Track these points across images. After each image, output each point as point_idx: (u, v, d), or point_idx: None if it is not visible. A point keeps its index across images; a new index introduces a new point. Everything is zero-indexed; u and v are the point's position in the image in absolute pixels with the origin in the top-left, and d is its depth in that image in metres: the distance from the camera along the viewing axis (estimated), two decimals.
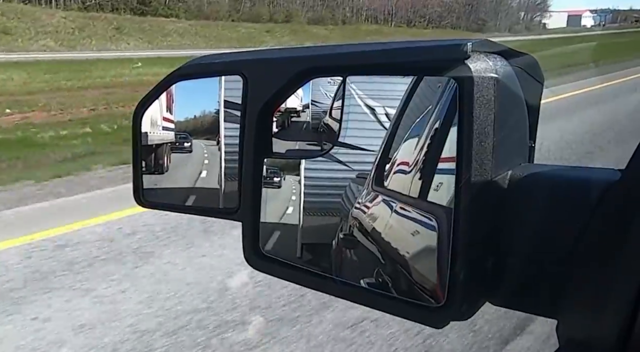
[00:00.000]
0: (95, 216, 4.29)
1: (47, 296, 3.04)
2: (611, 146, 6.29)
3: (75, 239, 3.84)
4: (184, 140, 0.64)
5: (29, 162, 6.00)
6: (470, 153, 0.42)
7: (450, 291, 0.42)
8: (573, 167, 0.44)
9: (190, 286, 3.17)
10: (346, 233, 0.52)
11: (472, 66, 0.42)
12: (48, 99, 10.17)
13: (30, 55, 20.10)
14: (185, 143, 0.64)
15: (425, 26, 56.00)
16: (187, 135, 0.63)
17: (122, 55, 21.49)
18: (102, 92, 11.50)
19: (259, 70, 0.53)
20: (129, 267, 3.42)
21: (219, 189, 0.59)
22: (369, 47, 0.50)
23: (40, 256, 3.56)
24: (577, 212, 0.40)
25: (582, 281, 0.39)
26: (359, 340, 2.66)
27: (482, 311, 0.46)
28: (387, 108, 0.50)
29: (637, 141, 0.37)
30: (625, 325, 0.32)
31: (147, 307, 2.93)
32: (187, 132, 0.64)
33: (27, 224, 4.12)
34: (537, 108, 0.50)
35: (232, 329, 2.72)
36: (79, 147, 6.75)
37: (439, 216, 0.44)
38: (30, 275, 3.29)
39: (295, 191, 0.55)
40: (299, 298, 2.93)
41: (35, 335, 2.66)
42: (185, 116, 0.65)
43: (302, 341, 2.64)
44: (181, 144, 0.64)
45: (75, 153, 6.40)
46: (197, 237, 3.82)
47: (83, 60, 18.05)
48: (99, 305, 2.96)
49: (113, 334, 2.68)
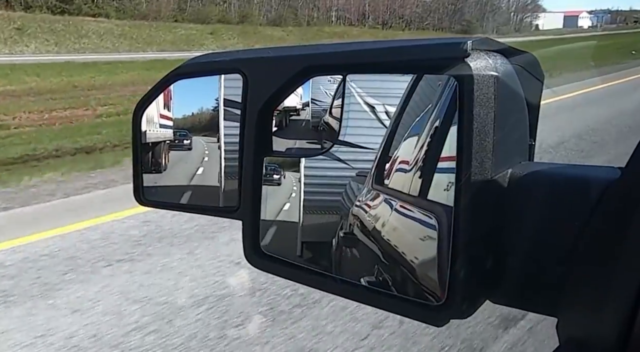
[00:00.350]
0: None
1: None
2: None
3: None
4: (184, 138, 0.63)
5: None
6: (471, 151, 0.42)
7: (451, 289, 0.42)
8: (573, 166, 0.45)
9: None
10: (346, 231, 0.52)
11: (473, 64, 0.42)
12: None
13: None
14: (184, 140, 0.63)
15: (404, 28, 53.10)
16: (186, 133, 0.63)
17: (7, 60, 17.83)
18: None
19: (259, 69, 0.53)
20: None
21: (219, 187, 0.59)
22: (370, 45, 0.50)
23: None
24: (577, 211, 0.40)
25: (582, 279, 0.39)
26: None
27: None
28: (387, 106, 0.50)
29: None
30: (625, 323, 0.32)
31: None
32: (186, 130, 0.63)
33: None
34: (537, 106, 0.50)
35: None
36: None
37: (439, 214, 0.44)
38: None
39: (295, 188, 0.55)
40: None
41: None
42: (184, 113, 0.64)
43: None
44: (180, 142, 0.63)
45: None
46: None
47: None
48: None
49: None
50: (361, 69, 0.50)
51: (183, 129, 0.63)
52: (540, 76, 0.51)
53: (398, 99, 0.50)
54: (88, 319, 2.83)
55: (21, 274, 3.34)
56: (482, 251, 0.43)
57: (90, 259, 3.57)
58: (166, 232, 3.99)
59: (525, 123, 0.48)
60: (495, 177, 0.43)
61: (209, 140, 0.61)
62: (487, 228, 0.43)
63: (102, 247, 3.77)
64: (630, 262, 0.34)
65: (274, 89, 0.52)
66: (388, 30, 49.99)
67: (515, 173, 0.44)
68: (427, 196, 0.46)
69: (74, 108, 9.84)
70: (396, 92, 0.50)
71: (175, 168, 0.65)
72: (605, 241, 0.38)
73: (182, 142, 0.63)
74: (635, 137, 0.46)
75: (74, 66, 16.32)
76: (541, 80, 0.51)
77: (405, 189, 0.49)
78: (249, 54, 0.56)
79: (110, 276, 3.33)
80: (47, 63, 17.01)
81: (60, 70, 14.71)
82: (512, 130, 0.45)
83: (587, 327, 0.38)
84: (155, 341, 2.63)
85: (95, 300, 3.03)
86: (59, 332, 2.70)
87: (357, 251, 0.52)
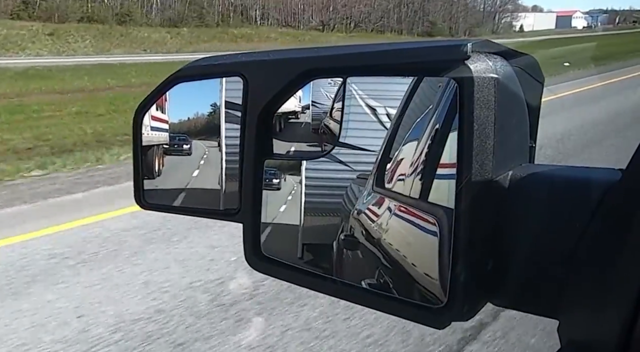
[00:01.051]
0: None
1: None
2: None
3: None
4: (183, 142, 0.62)
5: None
6: (471, 153, 0.42)
7: (452, 292, 0.42)
8: (573, 167, 0.45)
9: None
10: (347, 234, 0.52)
11: (473, 67, 0.42)
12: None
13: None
14: (184, 145, 0.62)
15: (351, 29, 45.26)
16: (186, 137, 0.62)
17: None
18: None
19: (260, 72, 0.53)
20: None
21: (220, 190, 0.59)
22: (370, 48, 0.50)
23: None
24: (577, 213, 0.40)
25: (583, 281, 0.39)
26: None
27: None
28: (388, 108, 0.50)
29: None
30: (626, 325, 0.32)
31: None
32: (185, 134, 0.62)
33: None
34: (538, 108, 0.50)
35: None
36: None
37: (440, 216, 0.44)
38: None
39: (294, 192, 0.55)
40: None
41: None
42: (180, 118, 0.63)
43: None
44: (180, 146, 0.62)
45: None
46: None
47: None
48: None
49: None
50: (362, 72, 0.50)
51: (182, 133, 0.62)
52: (541, 78, 0.51)
53: (398, 101, 0.50)
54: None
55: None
56: (483, 253, 0.43)
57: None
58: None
59: (526, 125, 0.48)
60: (496, 179, 0.43)
61: (205, 144, 0.61)
62: (488, 230, 0.43)
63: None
64: (631, 264, 0.34)
65: (274, 91, 0.52)
66: (329, 32, 41.79)
67: (516, 175, 0.44)
68: (427, 198, 0.46)
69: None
70: (397, 94, 0.50)
71: (170, 173, 0.64)
72: (605, 243, 0.38)
73: (181, 146, 0.62)
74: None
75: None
76: (541, 82, 0.51)
77: (406, 191, 0.49)
78: (249, 57, 0.56)
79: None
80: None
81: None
82: (513, 133, 0.45)
83: (588, 329, 0.38)
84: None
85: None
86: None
87: (358, 253, 0.52)
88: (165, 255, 3.72)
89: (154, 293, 3.18)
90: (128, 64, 20.70)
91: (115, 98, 11.60)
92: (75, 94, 12.45)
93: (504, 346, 2.65)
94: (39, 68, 18.37)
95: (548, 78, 3.21)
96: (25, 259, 3.65)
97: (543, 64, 0.53)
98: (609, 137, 7.65)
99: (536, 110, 0.50)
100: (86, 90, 13.43)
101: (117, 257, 3.69)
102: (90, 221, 4.40)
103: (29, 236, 4.05)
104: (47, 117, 9.57)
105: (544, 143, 5.95)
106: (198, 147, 0.62)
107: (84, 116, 9.71)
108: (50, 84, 14.07)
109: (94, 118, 9.51)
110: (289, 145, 0.56)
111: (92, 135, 8.01)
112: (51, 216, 4.51)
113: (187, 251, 3.78)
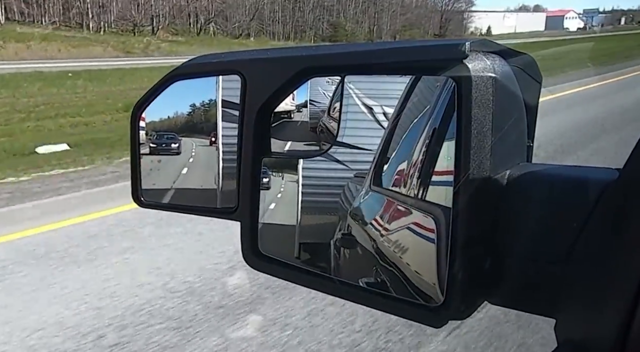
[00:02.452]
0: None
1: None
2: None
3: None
4: (172, 141, 0.61)
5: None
6: (469, 152, 0.42)
7: (449, 290, 0.42)
8: (571, 167, 0.45)
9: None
10: (344, 233, 0.52)
11: (471, 66, 0.42)
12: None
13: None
14: (172, 144, 0.60)
15: (213, 34, 34.47)
16: (174, 135, 0.60)
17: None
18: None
19: (257, 70, 0.53)
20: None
21: (217, 189, 0.59)
22: (367, 46, 0.50)
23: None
24: (575, 212, 0.40)
25: (580, 280, 0.39)
26: None
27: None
28: (386, 107, 0.50)
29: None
30: (623, 324, 0.32)
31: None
32: (174, 132, 0.61)
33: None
34: (536, 107, 0.50)
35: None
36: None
37: (438, 215, 0.44)
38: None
39: (283, 190, 0.55)
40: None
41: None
42: (160, 116, 0.61)
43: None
44: (168, 146, 0.61)
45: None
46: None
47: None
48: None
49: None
50: (359, 70, 0.50)
51: (170, 131, 0.61)
52: (538, 77, 0.51)
53: (396, 100, 0.50)
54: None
55: None
56: (480, 252, 0.43)
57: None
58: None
59: (524, 124, 0.48)
60: (494, 178, 0.43)
61: (202, 142, 0.60)
62: (486, 229, 0.43)
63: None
64: (628, 263, 0.34)
65: (272, 90, 0.52)
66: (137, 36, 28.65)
67: (514, 174, 0.44)
68: (425, 197, 0.46)
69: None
70: (394, 93, 0.50)
71: (167, 171, 0.63)
72: (603, 242, 0.38)
73: (169, 146, 0.61)
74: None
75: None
76: (539, 81, 0.51)
77: (403, 190, 0.49)
78: (247, 55, 0.56)
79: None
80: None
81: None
82: (510, 132, 0.45)
83: (585, 328, 0.38)
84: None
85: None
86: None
87: (356, 252, 0.52)
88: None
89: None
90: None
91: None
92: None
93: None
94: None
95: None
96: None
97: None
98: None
99: (534, 110, 0.50)
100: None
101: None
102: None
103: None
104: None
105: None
106: (196, 145, 0.62)
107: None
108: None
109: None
110: (287, 144, 0.56)
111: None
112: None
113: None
